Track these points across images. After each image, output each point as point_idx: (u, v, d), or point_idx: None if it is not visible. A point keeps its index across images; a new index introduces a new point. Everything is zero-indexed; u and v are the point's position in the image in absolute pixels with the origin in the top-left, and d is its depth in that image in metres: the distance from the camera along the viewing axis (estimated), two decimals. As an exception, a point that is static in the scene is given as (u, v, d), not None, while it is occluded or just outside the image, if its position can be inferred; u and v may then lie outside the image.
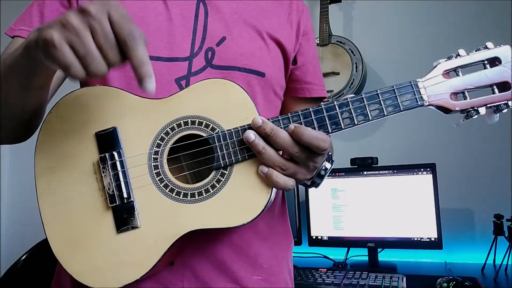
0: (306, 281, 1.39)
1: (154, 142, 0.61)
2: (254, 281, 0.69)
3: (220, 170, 0.60)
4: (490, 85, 0.59)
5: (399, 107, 0.59)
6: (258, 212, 0.58)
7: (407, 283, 1.32)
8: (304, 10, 0.83)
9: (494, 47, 0.60)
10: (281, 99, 0.80)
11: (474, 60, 0.60)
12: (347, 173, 1.64)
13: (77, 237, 0.59)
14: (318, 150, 0.57)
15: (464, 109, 0.60)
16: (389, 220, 1.56)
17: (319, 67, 0.87)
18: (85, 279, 0.58)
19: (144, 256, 0.58)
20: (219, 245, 0.67)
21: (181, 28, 0.69)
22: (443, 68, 0.60)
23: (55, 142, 0.62)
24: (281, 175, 0.58)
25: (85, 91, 0.64)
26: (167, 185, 0.60)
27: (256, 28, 0.74)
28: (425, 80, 0.60)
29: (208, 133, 0.60)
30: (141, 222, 0.59)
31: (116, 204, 0.59)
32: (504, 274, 1.38)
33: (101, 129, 0.62)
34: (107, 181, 0.60)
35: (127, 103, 0.63)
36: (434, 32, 1.81)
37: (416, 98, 0.60)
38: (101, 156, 0.61)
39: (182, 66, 0.68)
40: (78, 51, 0.46)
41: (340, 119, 0.59)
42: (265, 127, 0.57)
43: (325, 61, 1.83)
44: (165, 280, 0.64)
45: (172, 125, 0.61)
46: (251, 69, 0.71)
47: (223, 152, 0.59)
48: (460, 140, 1.72)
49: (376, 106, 0.59)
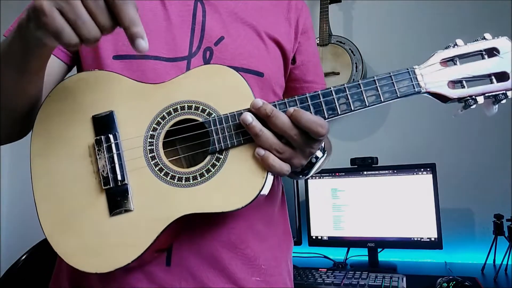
0: (306, 281, 1.38)
1: (150, 126, 0.61)
2: (253, 282, 0.68)
3: (216, 155, 0.60)
4: (488, 75, 0.59)
5: (396, 94, 0.59)
6: (252, 197, 0.57)
7: (407, 283, 1.31)
8: (303, 9, 0.82)
9: (492, 38, 0.60)
10: (281, 98, 0.79)
11: (472, 50, 0.60)
12: (347, 173, 1.64)
13: (68, 218, 0.59)
14: (316, 135, 0.57)
15: (461, 98, 0.59)
16: (389, 220, 1.56)
17: (319, 65, 0.86)
18: (74, 261, 0.58)
19: (136, 240, 0.58)
20: (217, 245, 0.67)
21: (179, 28, 0.69)
22: (440, 56, 0.60)
23: (52, 125, 0.62)
24: (277, 159, 0.57)
25: (83, 76, 0.64)
26: (161, 168, 0.60)
27: (255, 28, 0.73)
28: (423, 67, 0.60)
29: (205, 118, 0.60)
30: (134, 206, 0.59)
31: (110, 187, 0.59)
32: (504, 274, 1.37)
33: (98, 113, 0.62)
34: (102, 163, 0.60)
35: (124, 87, 0.63)
36: (434, 32, 1.82)
37: (413, 84, 0.60)
38: (96, 138, 0.61)
39: (181, 65, 0.68)
40: (69, 16, 0.46)
41: (337, 104, 0.59)
42: (265, 107, 0.57)
43: (325, 61, 1.84)
44: (162, 281, 0.64)
45: (168, 110, 0.62)
46: (250, 69, 0.70)
47: (218, 136, 0.59)
48: (460, 140, 1.72)
49: (373, 92, 0.59)
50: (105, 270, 0.57)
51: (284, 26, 0.78)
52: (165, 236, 0.59)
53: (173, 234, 0.63)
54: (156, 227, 0.58)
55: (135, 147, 0.61)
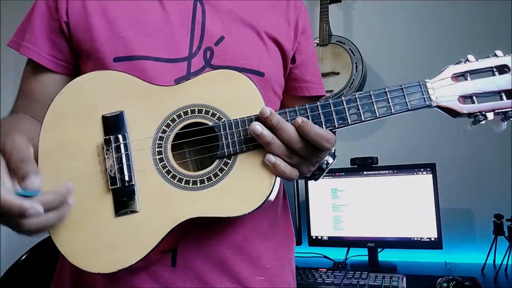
0: (306, 281, 1.38)
1: (160, 128, 0.61)
2: (257, 282, 0.69)
3: (224, 159, 0.59)
4: (498, 92, 0.60)
5: (406, 106, 0.60)
6: (259, 203, 0.57)
7: (407, 283, 1.32)
8: (302, 9, 0.82)
9: (503, 55, 0.61)
10: (280, 98, 0.79)
11: (483, 66, 0.61)
12: (347, 173, 1.64)
13: (74, 217, 0.58)
14: (322, 149, 0.57)
15: (472, 113, 0.60)
16: (389, 220, 1.56)
17: (317, 65, 0.87)
18: (77, 261, 0.57)
19: (140, 242, 0.57)
20: (222, 245, 0.67)
21: (179, 29, 0.69)
22: (452, 71, 0.61)
23: (62, 123, 0.62)
24: (288, 166, 0.58)
25: (95, 75, 0.64)
26: (169, 171, 0.60)
27: (254, 27, 0.73)
28: (434, 81, 0.61)
29: (214, 122, 0.60)
30: (140, 207, 0.59)
31: (117, 187, 0.59)
32: (504, 274, 1.38)
33: (108, 112, 0.62)
34: (110, 163, 0.60)
35: (136, 88, 0.63)
36: (434, 32, 1.82)
37: (424, 98, 0.60)
38: (105, 138, 0.61)
39: (181, 66, 0.67)
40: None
41: (347, 114, 0.59)
42: (271, 118, 0.57)
43: (325, 61, 1.84)
44: (167, 281, 0.64)
45: (179, 113, 0.61)
46: (250, 68, 0.70)
47: (227, 141, 0.59)
48: (460, 140, 1.72)
49: (384, 104, 0.60)
50: (108, 271, 0.57)
51: (284, 25, 0.78)
52: (170, 237, 0.59)
53: (178, 235, 0.62)
54: (161, 230, 0.58)
55: (144, 148, 0.61)
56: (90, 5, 0.69)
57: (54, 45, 0.71)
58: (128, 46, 0.67)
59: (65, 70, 0.73)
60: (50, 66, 0.71)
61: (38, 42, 0.71)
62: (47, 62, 0.71)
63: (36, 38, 0.71)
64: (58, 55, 0.71)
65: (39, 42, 0.71)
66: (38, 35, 0.71)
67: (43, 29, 0.71)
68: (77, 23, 0.69)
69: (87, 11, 0.69)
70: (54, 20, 0.70)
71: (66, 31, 0.70)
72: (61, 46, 0.71)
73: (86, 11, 0.69)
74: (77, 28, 0.69)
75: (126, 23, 0.68)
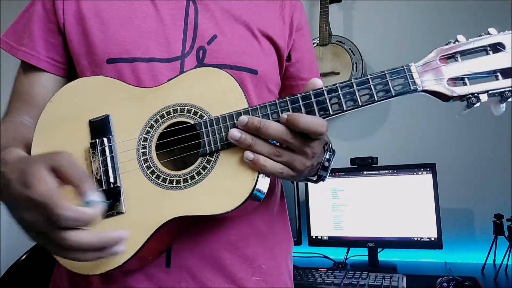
0: (306, 281, 1.38)
1: (144, 129, 0.62)
2: (253, 282, 0.68)
3: (206, 157, 0.59)
4: (493, 71, 0.55)
5: (390, 92, 0.57)
6: (242, 200, 0.56)
7: (407, 283, 1.31)
8: (297, 6, 0.81)
9: (497, 33, 0.57)
10: (276, 96, 0.78)
11: (475, 46, 0.57)
12: (347, 173, 1.64)
13: None
14: (316, 135, 0.56)
15: (462, 96, 0.56)
16: (389, 220, 1.56)
17: (315, 63, 0.86)
18: (67, 263, 0.57)
19: (127, 242, 0.57)
20: (217, 245, 0.66)
21: (172, 28, 0.69)
22: (440, 53, 0.57)
23: (52, 130, 0.64)
24: (269, 160, 0.56)
25: (82, 82, 0.66)
26: (153, 171, 0.60)
27: (248, 25, 0.73)
28: (420, 64, 0.58)
29: (196, 120, 0.61)
30: (126, 208, 0.59)
31: (103, 189, 0.59)
32: (504, 274, 1.37)
33: (95, 117, 0.63)
34: (96, 166, 0.61)
35: (121, 92, 0.64)
36: (434, 31, 1.81)
37: (408, 82, 0.57)
38: (91, 141, 0.62)
39: (175, 66, 0.68)
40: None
41: (329, 104, 0.57)
42: (252, 121, 0.56)
43: (325, 61, 1.84)
44: (162, 282, 0.64)
45: (162, 113, 0.62)
46: (243, 66, 0.70)
47: (209, 138, 0.59)
48: (460, 140, 1.72)
49: (366, 92, 0.57)
50: (97, 272, 0.57)
51: (278, 23, 0.77)
52: (164, 237, 0.59)
53: (172, 235, 0.63)
54: (146, 230, 0.58)
55: (128, 149, 0.61)
56: (84, 6, 0.70)
57: (51, 47, 0.72)
58: (121, 47, 0.67)
59: (63, 72, 0.73)
60: (48, 68, 0.72)
61: (36, 45, 0.71)
62: (45, 64, 0.71)
63: (34, 41, 0.71)
64: (56, 57, 0.72)
65: (38, 45, 0.71)
66: (36, 39, 0.71)
67: (41, 32, 0.71)
68: (72, 25, 0.70)
69: (82, 13, 0.69)
70: (51, 22, 0.71)
71: (63, 32, 0.70)
72: (58, 48, 0.72)
73: (80, 13, 0.69)
74: (72, 30, 0.70)
75: (119, 24, 0.68)
